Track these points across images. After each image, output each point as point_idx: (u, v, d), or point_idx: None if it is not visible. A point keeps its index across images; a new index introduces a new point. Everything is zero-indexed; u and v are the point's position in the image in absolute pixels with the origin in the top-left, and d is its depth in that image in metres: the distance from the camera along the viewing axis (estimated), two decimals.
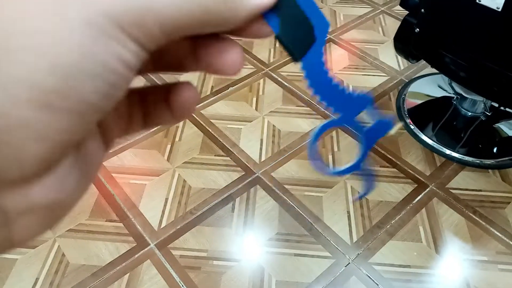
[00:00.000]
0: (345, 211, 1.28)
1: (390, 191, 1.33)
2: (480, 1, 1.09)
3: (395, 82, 1.73)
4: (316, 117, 1.57)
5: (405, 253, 1.19)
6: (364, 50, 1.89)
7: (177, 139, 1.49)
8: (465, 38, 1.22)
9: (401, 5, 1.38)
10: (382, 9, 2.12)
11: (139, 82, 0.15)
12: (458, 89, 1.56)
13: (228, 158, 1.42)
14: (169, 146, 1.46)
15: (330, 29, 1.99)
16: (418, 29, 1.32)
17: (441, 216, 1.27)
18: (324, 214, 1.27)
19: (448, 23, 1.25)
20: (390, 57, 1.81)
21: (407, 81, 1.73)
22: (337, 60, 1.83)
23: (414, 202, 1.31)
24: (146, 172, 1.38)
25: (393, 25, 2.00)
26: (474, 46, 1.21)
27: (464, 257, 1.20)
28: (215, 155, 1.43)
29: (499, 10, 1.06)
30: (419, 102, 1.68)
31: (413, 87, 1.72)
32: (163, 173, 1.38)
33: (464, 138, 1.54)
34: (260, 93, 1.67)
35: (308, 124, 1.54)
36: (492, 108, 1.54)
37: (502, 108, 1.50)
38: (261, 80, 1.71)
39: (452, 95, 1.63)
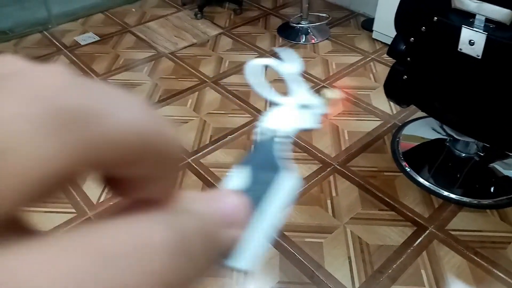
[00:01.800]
0: (346, 256, 1.28)
1: (390, 234, 1.34)
2: (461, 49, 1.16)
3: (388, 126, 1.78)
4: (313, 162, 1.60)
5: None
6: (357, 96, 1.96)
7: None
8: (450, 84, 1.28)
9: (388, 54, 1.46)
10: (372, 57, 2.22)
11: None
12: (450, 131, 1.60)
13: None
14: None
15: (323, 77, 2.07)
16: (406, 76, 1.38)
17: (442, 258, 1.27)
18: (325, 261, 1.27)
19: (433, 71, 1.31)
20: (383, 102, 1.87)
21: (400, 124, 1.78)
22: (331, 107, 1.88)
23: (414, 245, 1.31)
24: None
25: (383, 72, 2.09)
26: (459, 92, 1.27)
27: None
28: None
29: (479, 57, 1.12)
30: (414, 144, 1.72)
31: (406, 130, 1.77)
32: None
33: (460, 179, 1.57)
34: None
35: (305, 169, 1.57)
36: (485, 149, 1.58)
37: (494, 149, 1.53)
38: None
39: (445, 137, 1.67)
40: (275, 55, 0.21)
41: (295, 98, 0.21)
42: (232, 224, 0.13)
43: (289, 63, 0.23)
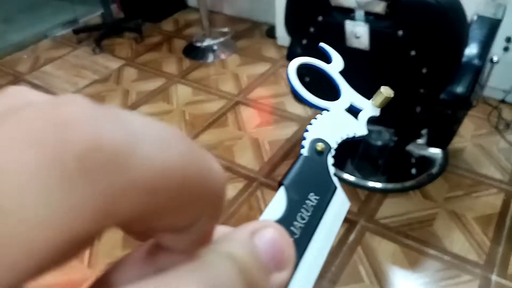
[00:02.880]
0: None
1: None
2: (350, 45, 1.18)
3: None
4: (238, 180, 1.56)
5: None
6: (272, 104, 1.96)
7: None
8: (349, 79, 1.31)
9: (287, 58, 1.47)
10: (281, 63, 2.24)
11: None
12: None
13: None
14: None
15: (236, 92, 2.05)
16: (308, 78, 1.39)
17: (376, 249, 1.28)
18: None
19: None
20: (296, 106, 1.88)
21: None
22: (248, 120, 1.87)
23: (348, 242, 1.30)
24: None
25: None
26: (359, 84, 1.30)
27: (407, 284, 1.19)
28: None
29: (368, 49, 1.15)
30: None
31: None
32: None
33: (382, 167, 1.61)
34: None
35: (231, 189, 1.52)
36: (397, 134, 1.64)
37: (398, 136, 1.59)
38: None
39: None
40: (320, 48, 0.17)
41: (341, 100, 0.18)
42: (277, 266, 0.11)
43: (334, 61, 0.18)
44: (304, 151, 0.15)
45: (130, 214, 0.08)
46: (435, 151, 1.61)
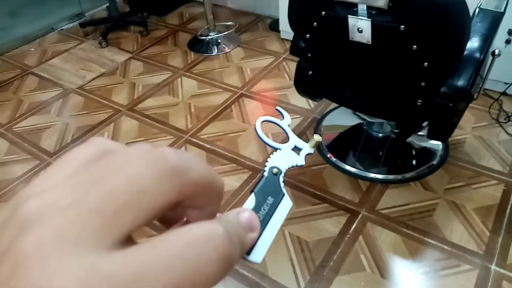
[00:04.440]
0: (288, 258, 1.28)
1: (326, 226, 1.36)
2: (353, 38, 1.20)
3: (309, 121, 1.81)
4: (242, 171, 1.59)
5: (353, 286, 1.20)
6: (275, 97, 1.99)
7: None
8: (351, 72, 1.33)
9: (291, 53, 1.48)
10: (284, 56, 2.27)
11: None
12: (363, 116, 1.66)
13: None
14: None
15: (240, 85, 2.08)
16: (311, 72, 1.42)
17: (378, 239, 1.31)
18: (268, 269, 1.25)
19: (333, 62, 1.35)
20: (300, 99, 1.91)
21: (319, 117, 1.83)
22: (252, 112, 1.89)
23: (350, 232, 1.34)
24: None
25: None
26: (361, 78, 1.32)
27: (407, 273, 1.22)
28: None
29: (370, 43, 1.17)
30: (335, 134, 1.77)
31: (326, 121, 1.81)
32: None
33: (383, 158, 1.63)
34: None
35: (236, 180, 1.55)
36: (398, 125, 1.66)
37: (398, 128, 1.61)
38: (182, 148, 1.72)
39: (361, 121, 1.73)
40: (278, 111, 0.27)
41: (289, 143, 0.28)
42: (250, 229, 0.19)
43: (285, 118, 0.31)
44: (266, 173, 0.25)
45: (188, 194, 0.17)
46: (435, 143, 1.63)
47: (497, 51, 1.32)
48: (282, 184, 0.24)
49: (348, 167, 1.57)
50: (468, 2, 1.10)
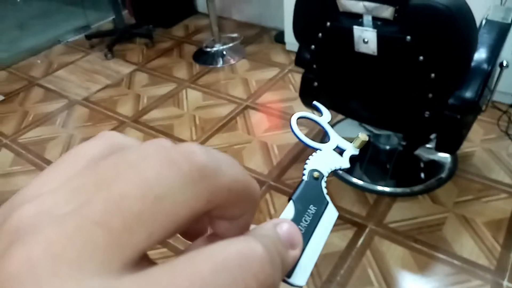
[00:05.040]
0: None
1: (333, 240, 1.33)
2: (358, 49, 1.19)
3: (314, 133, 1.80)
4: None
5: None
6: (281, 109, 1.98)
7: None
8: (357, 84, 1.32)
9: (296, 64, 1.48)
10: (289, 68, 2.26)
11: None
12: (369, 127, 1.64)
13: None
14: None
15: (246, 97, 2.07)
16: (316, 83, 1.41)
17: (386, 253, 1.28)
18: None
19: (339, 73, 1.34)
20: (305, 111, 1.89)
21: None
22: (257, 124, 1.88)
23: (357, 246, 1.31)
24: None
25: None
26: (366, 89, 1.31)
27: None
28: None
29: (376, 54, 1.16)
30: None
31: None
32: None
33: (390, 171, 1.61)
34: None
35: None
36: (405, 138, 1.64)
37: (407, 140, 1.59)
38: None
39: (368, 134, 1.71)
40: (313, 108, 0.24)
41: (331, 143, 0.25)
42: (291, 245, 0.16)
43: (324, 114, 0.27)
44: (305, 177, 0.22)
45: (218, 202, 0.14)
46: (444, 156, 1.61)
47: (505, 62, 1.31)
48: (325, 190, 0.21)
49: (355, 180, 1.54)
50: (474, 13, 1.09)
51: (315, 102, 0.28)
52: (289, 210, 0.20)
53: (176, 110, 2.02)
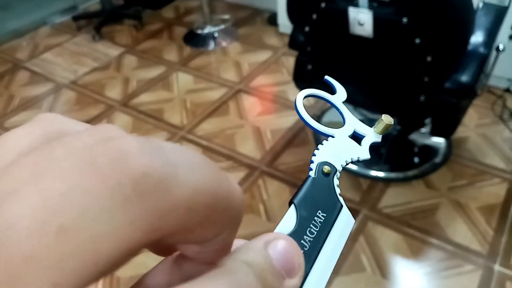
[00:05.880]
0: None
1: None
2: (353, 32, 1.16)
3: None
4: (239, 169, 1.55)
5: (353, 287, 1.16)
6: (274, 93, 1.94)
7: None
8: (352, 67, 1.29)
9: (289, 46, 1.44)
10: (283, 51, 2.22)
11: None
12: (363, 112, 1.62)
13: None
14: None
15: (238, 80, 2.03)
16: (310, 66, 1.37)
17: (379, 238, 1.27)
18: None
19: (333, 56, 1.31)
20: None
21: (319, 113, 1.79)
22: (249, 109, 1.85)
23: (351, 231, 1.30)
24: None
25: None
26: (361, 72, 1.28)
27: (409, 274, 1.19)
28: None
29: (371, 37, 1.13)
30: None
31: (326, 118, 1.77)
32: None
33: (384, 156, 1.59)
34: None
35: (233, 177, 1.51)
36: (400, 122, 1.62)
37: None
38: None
39: (362, 118, 1.69)
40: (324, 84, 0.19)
41: (346, 128, 0.20)
42: (288, 273, 0.13)
43: (339, 92, 0.21)
44: (312, 173, 0.17)
45: (173, 228, 0.10)
46: (438, 140, 1.59)
47: (501, 46, 1.29)
48: (338, 190, 0.17)
49: (349, 165, 1.53)
50: None
51: (327, 77, 0.22)
52: (290, 219, 0.15)
53: (166, 93, 1.98)
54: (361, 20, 1.12)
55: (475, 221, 1.30)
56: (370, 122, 0.20)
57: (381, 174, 1.49)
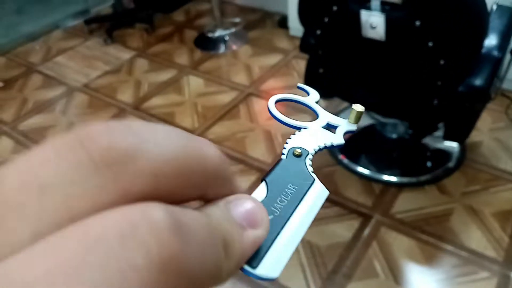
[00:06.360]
0: (299, 263, 1.23)
1: (338, 231, 1.31)
2: (365, 35, 1.15)
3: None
4: (250, 172, 1.54)
5: None
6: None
7: None
8: (364, 70, 1.28)
9: (301, 49, 1.44)
10: (293, 54, 2.21)
11: None
12: (375, 116, 1.61)
13: None
14: None
15: (248, 83, 2.03)
16: (322, 70, 1.37)
17: (392, 244, 1.26)
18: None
19: (345, 59, 1.30)
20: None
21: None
22: (260, 112, 1.85)
23: (363, 236, 1.29)
24: None
25: None
26: (374, 76, 1.27)
27: (422, 280, 1.17)
28: None
29: (383, 40, 1.12)
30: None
31: None
32: None
33: (397, 160, 1.58)
34: None
35: (244, 182, 1.51)
36: (413, 127, 1.60)
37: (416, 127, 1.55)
38: None
39: (374, 122, 1.68)
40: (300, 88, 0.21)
41: (319, 120, 0.21)
42: (250, 224, 0.13)
43: (311, 94, 0.23)
44: (284, 157, 0.18)
45: (147, 191, 0.11)
46: (451, 144, 1.57)
47: None
48: (310, 169, 0.18)
49: (360, 169, 1.52)
50: None
51: (299, 84, 0.24)
52: (260, 191, 0.16)
53: (177, 97, 1.98)
54: (374, 23, 1.11)
55: (489, 227, 1.28)
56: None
57: (393, 178, 1.48)
